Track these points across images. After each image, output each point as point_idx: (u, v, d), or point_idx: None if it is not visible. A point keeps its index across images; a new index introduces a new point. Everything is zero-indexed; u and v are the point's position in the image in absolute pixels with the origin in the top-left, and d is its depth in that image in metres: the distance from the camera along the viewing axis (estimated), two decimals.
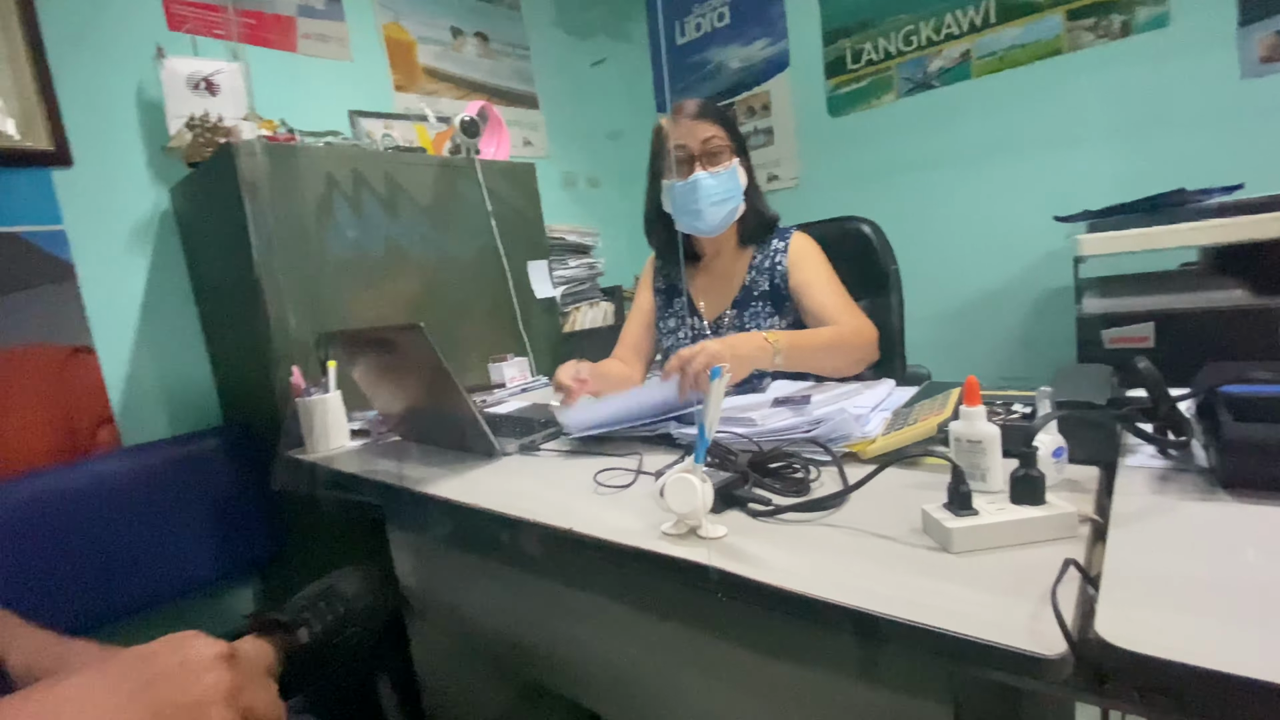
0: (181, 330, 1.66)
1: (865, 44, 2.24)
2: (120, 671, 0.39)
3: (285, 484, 1.20)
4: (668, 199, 1.20)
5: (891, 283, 1.34)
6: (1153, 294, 1.36)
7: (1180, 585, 0.41)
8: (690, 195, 1.13)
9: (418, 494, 0.88)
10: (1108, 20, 1.81)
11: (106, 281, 1.55)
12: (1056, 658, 0.37)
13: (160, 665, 0.40)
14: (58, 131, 1.49)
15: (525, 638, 0.94)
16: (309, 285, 1.42)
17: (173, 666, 0.40)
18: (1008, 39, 1.97)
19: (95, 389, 1.53)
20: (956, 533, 0.50)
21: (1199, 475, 0.56)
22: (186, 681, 0.39)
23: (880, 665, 0.55)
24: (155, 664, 0.40)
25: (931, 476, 0.66)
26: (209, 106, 1.52)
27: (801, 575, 0.50)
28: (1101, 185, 1.82)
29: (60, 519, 1.32)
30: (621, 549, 0.62)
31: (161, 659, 0.40)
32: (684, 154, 1.13)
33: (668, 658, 0.73)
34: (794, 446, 0.76)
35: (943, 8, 2.06)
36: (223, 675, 0.41)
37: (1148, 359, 0.58)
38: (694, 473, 0.59)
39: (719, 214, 1.16)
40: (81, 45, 1.54)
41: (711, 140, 1.13)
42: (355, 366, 1.15)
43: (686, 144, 1.13)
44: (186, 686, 0.39)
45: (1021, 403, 0.71)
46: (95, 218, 1.54)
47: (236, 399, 1.65)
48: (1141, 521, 0.50)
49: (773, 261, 1.22)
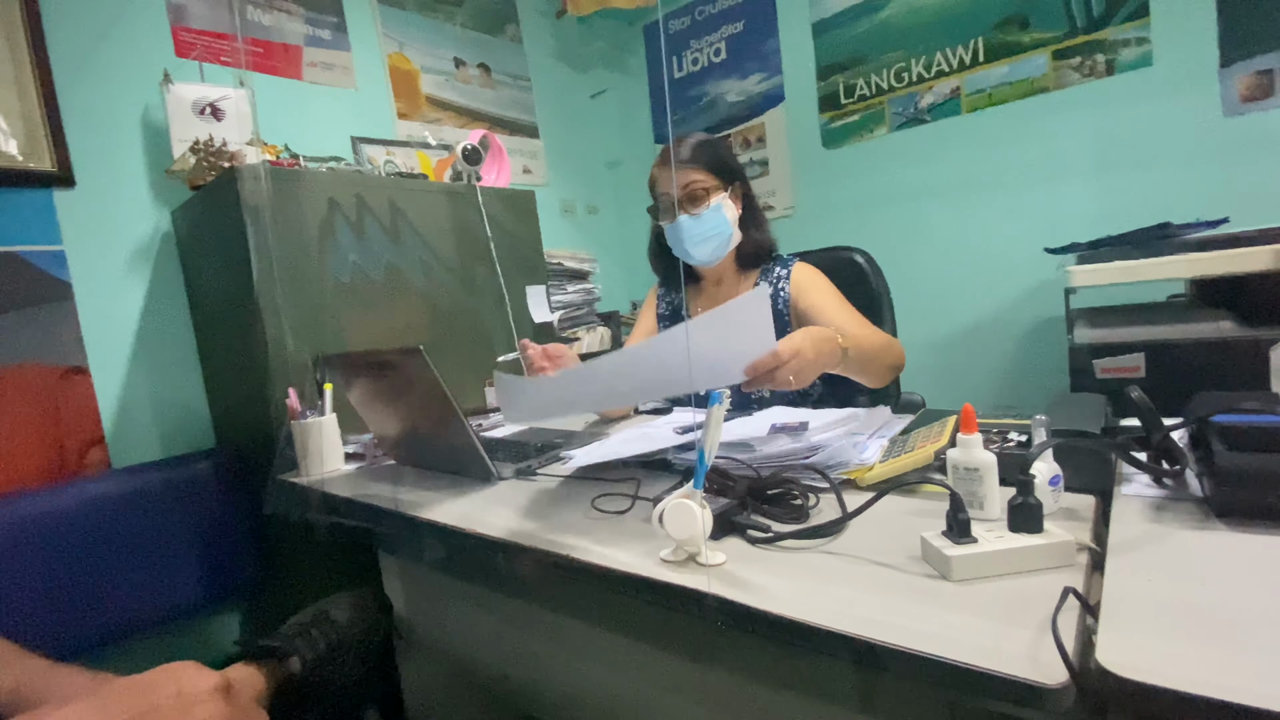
0: (176, 352, 1.66)
1: (858, 80, 2.30)
2: (116, 702, 0.38)
3: (277, 508, 1.19)
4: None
5: (884, 311, 1.35)
6: (1143, 325, 1.38)
7: (1179, 614, 0.41)
8: (675, 236, 1.22)
9: (411, 519, 0.87)
10: (1092, 60, 1.86)
11: (103, 302, 1.55)
12: (1058, 687, 0.37)
13: (156, 696, 0.39)
14: (61, 152, 1.50)
15: (518, 667, 0.93)
16: (308, 308, 1.43)
17: (168, 698, 0.39)
18: (996, 76, 2.02)
19: (88, 410, 1.52)
20: (956, 560, 0.50)
21: (1193, 504, 0.57)
22: (182, 713, 0.39)
23: (879, 695, 0.54)
24: (151, 695, 0.39)
25: (929, 504, 0.66)
26: (213, 131, 1.54)
27: (801, 603, 0.50)
28: (1089, 218, 1.86)
29: (47, 541, 1.30)
30: (619, 575, 0.61)
31: (158, 690, 0.39)
32: (668, 200, 1.21)
33: (663, 688, 0.72)
34: (792, 473, 0.76)
35: (933, 46, 2.13)
36: (218, 708, 0.40)
37: (1139, 389, 0.59)
38: (693, 498, 0.59)
39: (705, 250, 1.22)
40: (88, 68, 1.56)
41: (691, 185, 1.19)
42: (352, 389, 1.14)
43: (669, 191, 1.21)
44: (182, 718, 0.39)
45: (1017, 431, 0.72)
46: (95, 239, 1.54)
47: (230, 422, 1.64)
48: (1139, 550, 0.50)
49: (775, 289, 1.25)
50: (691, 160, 1.19)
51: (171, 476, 1.50)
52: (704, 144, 1.22)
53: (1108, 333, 1.40)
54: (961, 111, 2.10)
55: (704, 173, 1.19)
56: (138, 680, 0.40)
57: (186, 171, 1.48)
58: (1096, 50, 1.86)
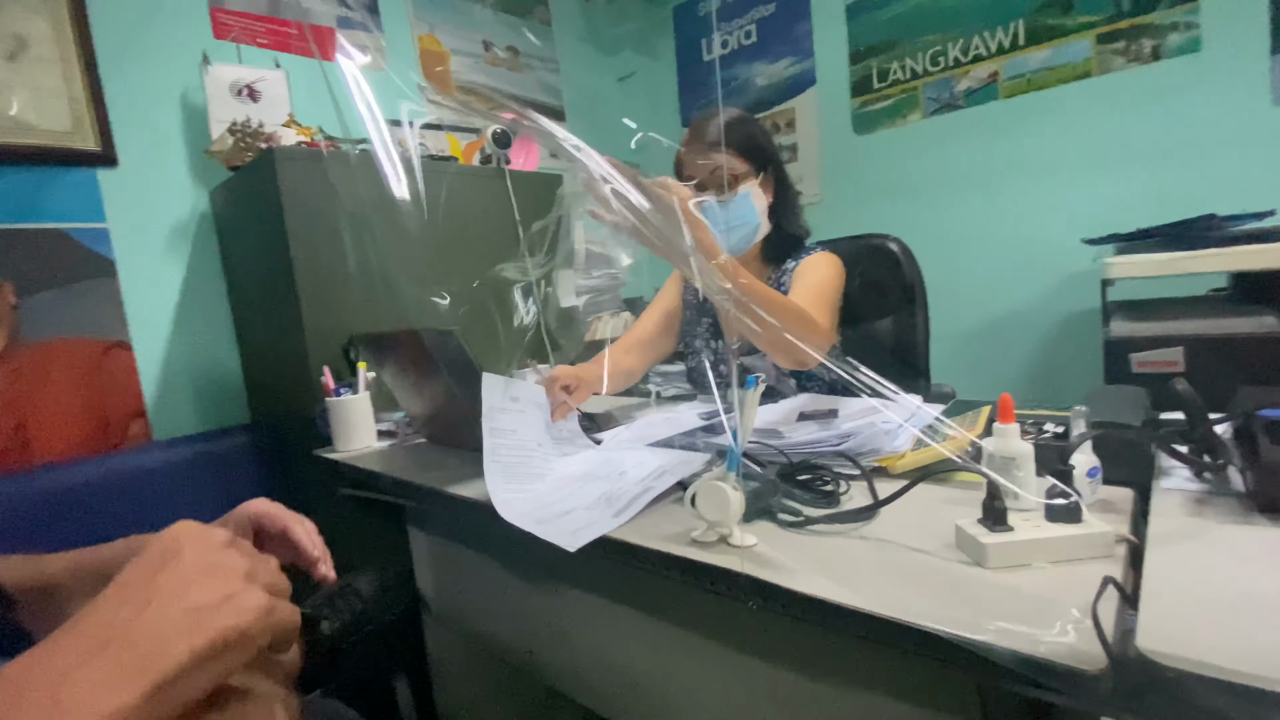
0: (214, 329, 1.70)
1: (892, 64, 2.26)
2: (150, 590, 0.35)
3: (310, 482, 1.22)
4: None
5: (917, 301, 1.34)
6: (1182, 319, 1.35)
7: (1220, 604, 0.41)
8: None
9: (441, 494, 0.89)
10: (1138, 44, 1.81)
11: (145, 279, 1.60)
12: (1097, 672, 0.37)
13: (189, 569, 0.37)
14: (105, 133, 1.54)
15: (542, 642, 0.95)
16: (340, 288, 1.45)
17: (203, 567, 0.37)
18: (1036, 61, 1.97)
19: (130, 383, 1.57)
20: (992, 548, 0.50)
21: (1235, 499, 0.56)
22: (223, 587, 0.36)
23: (910, 679, 0.55)
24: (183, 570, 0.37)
25: (963, 493, 0.66)
26: (250, 112, 1.57)
27: (832, 585, 0.50)
28: (1129, 209, 1.81)
29: (91, 507, 1.35)
30: (650, 553, 0.62)
31: (187, 561, 0.37)
32: (694, 185, 1.14)
33: (688, 667, 0.73)
34: (822, 460, 0.76)
35: (971, 29, 2.08)
36: (239, 560, 0.39)
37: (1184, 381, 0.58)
38: (726, 480, 0.59)
39: (730, 240, 1.14)
40: (130, 51, 1.59)
41: (719, 170, 1.11)
42: (385, 369, 1.17)
43: (694, 174, 1.12)
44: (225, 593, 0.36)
45: (1052, 422, 0.71)
46: (137, 217, 1.59)
47: (265, 397, 1.68)
48: (1178, 543, 0.50)
49: (779, 283, 1.20)
50: (721, 143, 1.11)
51: (209, 450, 1.54)
52: (734, 124, 1.14)
53: (1145, 326, 1.37)
54: (999, 97, 2.05)
55: (733, 156, 1.11)
56: (152, 560, 0.37)
57: (224, 152, 1.51)
58: (1143, 35, 1.80)
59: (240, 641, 0.35)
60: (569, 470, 0.86)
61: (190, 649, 0.33)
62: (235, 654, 0.36)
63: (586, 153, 0.69)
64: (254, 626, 0.36)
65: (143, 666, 0.32)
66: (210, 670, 0.34)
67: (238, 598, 0.36)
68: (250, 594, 0.37)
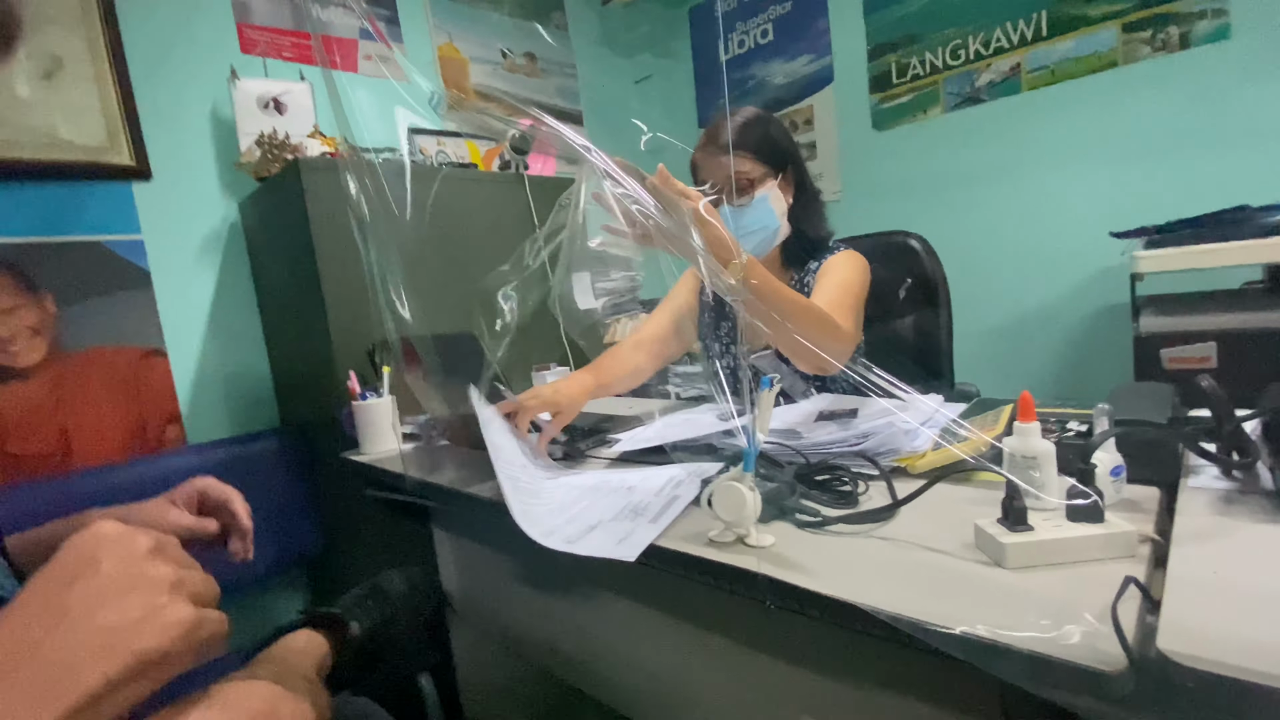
0: (245, 336, 1.75)
1: (911, 59, 2.23)
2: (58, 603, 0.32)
3: (336, 484, 1.24)
4: None
5: (940, 298, 1.32)
6: (1215, 313, 1.32)
7: (1246, 605, 0.40)
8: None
9: (463, 495, 0.91)
10: (1165, 33, 1.76)
11: (179, 288, 1.65)
12: (1117, 674, 0.37)
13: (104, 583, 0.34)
14: (138, 147, 1.59)
15: (565, 641, 0.96)
16: (366, 294, 1.48)
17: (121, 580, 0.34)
18: (1060, 52, 1.93)
19: (165, 390, 1.62)
20: (1011, 548, 0.49)
21: (1264, 497, 0.55)
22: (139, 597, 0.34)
23: (929, 680, 0.55)
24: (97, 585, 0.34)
25: (983, 493, 0.65)
26: (276, 125, 1.61)
27: (850, 585, 0.50)
28: (1159, 201, 1.77)
29: None
30: (668, 553, 0.63)
31: (104, 572, 0.34)
32: (711, 190, 1.08)
33: (707, 667, 0.73)
34: (840, 460, 0.76)
35: (992, 21, 2.04)
36: (162, 570, 0.36)
37: (1210, 378, 0.57)
38: (742, 481, 0.60)
39: (748, 245, 1.09)
40: (162, 67, 1.64)
41: (737, 174, 1.07)
42: (409, 372, 1.19)
43: (711, 179, 1.09)
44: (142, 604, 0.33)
45: (1076, 421, 0.70)
46: (171, 228, 1.64)
47: (294, 402, 1.72)
48: (1204, 542, 0.49)
49: (802, 284, 1.17)
50: (737, 144, 1.08)
51: (240, 453, 1.59)
52: (751, 124, 1.10)
53: (1177, 321, 1.34)
54: (1021, 90, 2.02)
55: (750, 159, 1.08)
56: (61, 573, 0.34)
57: (253, 164, 1.55)
58: (1170, 22, 1.75)
59: (162, 661, 0.33)
60: (566, 489, 0.85)
61: (104, 674, 0.31)
62: (156, 674, 0.33)
63: (595, 153, 0.70)
64: (177, 645, 0.34)
65: (54, 693, 0.30)
66: (129, 692, 0.32)
67: (160, 614, 0.34)
68: (174, 608, 0.34)
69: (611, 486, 0.82)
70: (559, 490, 0.85)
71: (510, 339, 0.99)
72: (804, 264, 1.20)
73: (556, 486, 0.86)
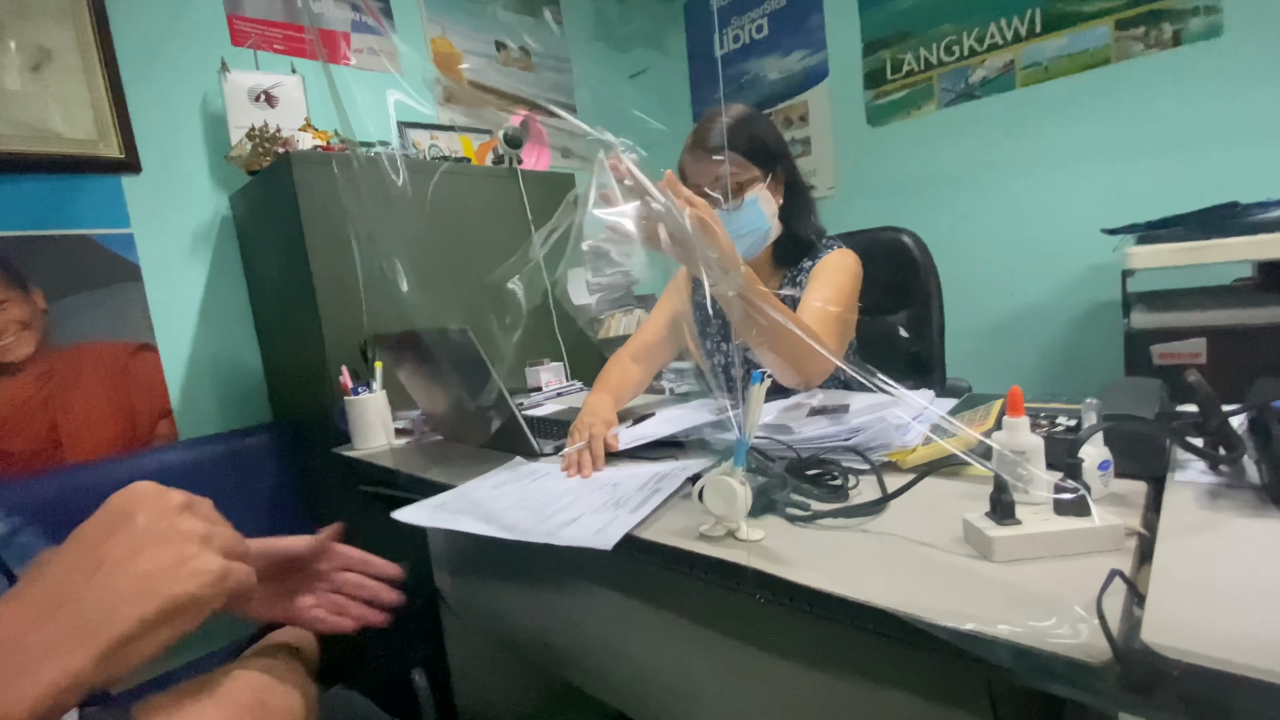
0: (237, 330, 1.74)
1: (906, 54, 2.23)
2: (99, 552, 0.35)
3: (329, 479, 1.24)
4: None
5: (932, 294, 1.33)
6: (1205, 309, 1.33)
7: (1230, 598, 0.40)
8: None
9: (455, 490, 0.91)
10: (1158, 30, 1.77)
11: (169, 283, 1.63)
12: (1101, 665, 0.37)
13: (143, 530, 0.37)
14: (128, 140, 1.58)
15: (558, 635, 0.96)
16: (358, 288, 1.47)
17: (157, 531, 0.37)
18: (1053, 49, 1.94)
19: (156, 384, 1.61)
20: (999, 541, 0.50)
21: (1250, 492, 0.55)
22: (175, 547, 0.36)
23: (916, 673, 0.55)
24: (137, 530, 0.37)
25: (972, 487, 0.65)
26: (268, 118, 1.60)
27: (840, 578, 0.51)
28: (1150, 198, 1.77)
29: None
30: (659, 548, 0.63)
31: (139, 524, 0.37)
32: (697, 191, 1.01)
33: (699, 661, 0.74)
34: (832, 455, 0.76)
35: (986, 18, 2.05)
36: (194, 524, 0.39)
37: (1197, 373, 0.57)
38: (733, 475, 0.60)
39: (739, 247, 1.02)
40: (152, 60, 1.63)
41: (723, 178, 1.05)
42: (401, 368, 1.19)
43: (699, 182, 1.07)
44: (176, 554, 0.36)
45: (1065, 416, 0.70)
46: (161, 222, 1.63)
47: (286, 397, 1.71)
48: (1190, 536, 0.49)
49: (794, 282, 1.15)
50: (723, 149, 1.05)
51: (232, 448, 1.58)
52: (740, 125, 1.07)
53: (1167, 317, 1.35)
54: (1015, 86, 2.02)
55: (737, 161, 1.05)
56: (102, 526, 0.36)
57: (243, 157, 1.54)
58: (1162, 19, 1.76)
59: (191, 605, 0.36)
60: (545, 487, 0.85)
61: (139, 615, 0.34)
62: (186, 618, 0.36)
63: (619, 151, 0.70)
64: (205, 591, 0.37)
65: (92, 631, 0.33)
66: (161, 634, 0.35)
67: (191, 562, 0.37)
68: (203, 558, 0.37)
69: (597, 483, 0.83)
70: (541, 492, 0.85)
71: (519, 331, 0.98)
72: (796, 262, 1.19)
73: (539, 488, 0.87)
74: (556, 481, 0.88)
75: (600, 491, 0.79)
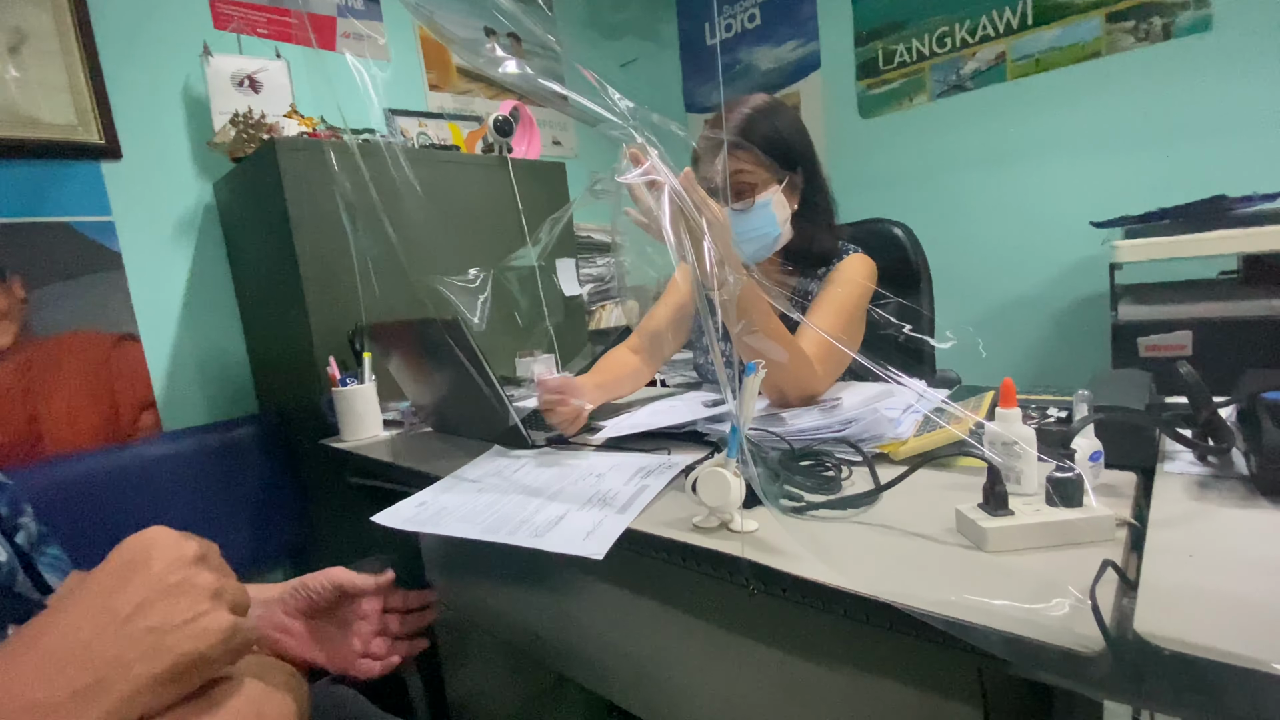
0: (221, 320, 1.72)
1: (898, 45, 2.23)
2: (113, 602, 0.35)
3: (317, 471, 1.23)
4: None
5: (922, 286, 1.33)
6: (1191, 302, 1.34)
7: (1220, 588, 0.41)
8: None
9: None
10: (1149, 23, 1.78)
11: (152, 271, 1.61)
12: (1094, 655, 0.37)
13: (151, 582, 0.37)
14: (108, 126, 1.55)
15: (549, 628, 0.96)
16: (346, 277, 1.45)
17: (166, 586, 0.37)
18: (1045, 41, 1.94)
19: (139, 375, 1.58)
20: (991, 532, 0.50)
21: (1239, 482, 0.56)
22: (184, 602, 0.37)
23: (909, 663, 0.55)
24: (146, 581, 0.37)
25: (965, 478, 0.66)
26: (252, 103, 1.57)
27: (832, 569, 0.51)
28: (1139, 191, 1.79)
29: (103, 498, 1.37)
30: (652, 539, 0.63)
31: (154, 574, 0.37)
32: (709, 187, 0.95)
33: (692, 652, 0.74)
34: (825, 446, 0.76)
35: (978, 9, 2.04)
36: (205, 577, 0.39)
37: (1187, 364, 0.58)
38: (726, 467, 0.60)
39: (748, 250, 1.01)
40: (132, 43, 1.59)
41: (737, 175, 0.98)
42: (390, 358, 1.17)
43: (708, 175, 0.98)
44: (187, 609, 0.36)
45: (1056, 407, 0.71)
46: (142, 210, 1.59)
47: (272, 387, 1.69)
48: (1181, 526, 0.50)
49: (806, 288, 1.10)
50: (739, 145, 0.97)
51: (217, 440, 1.56)
52: (758, 118, 0.99)
53: (1154, 309, 1.36)
54: (1007, 78, 2.02)
55: (752, 160, 0.97)
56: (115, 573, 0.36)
57: (227, 144, 1.51)
58: (1153, 13, 1.77)
59: (199, 664, 0.36)
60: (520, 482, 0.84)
61: (150, 673, 0.34)
62: (193, 676, 0.36)
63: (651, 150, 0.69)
64: (214, 651, 0.37)
65: (103, 690, 0.33)
66: (169, 691, 0.35)
67: (202, 619, 0.37)
68: (215, 615, 0.37)
69: (581, 474, 0.82)
70: (521, 485, 0.84)
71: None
72: (807, 271, 1.12)
73: (519, 480, 0.86)
74: (537, 473, 0.87)
75: (584, 482, 0.78)
